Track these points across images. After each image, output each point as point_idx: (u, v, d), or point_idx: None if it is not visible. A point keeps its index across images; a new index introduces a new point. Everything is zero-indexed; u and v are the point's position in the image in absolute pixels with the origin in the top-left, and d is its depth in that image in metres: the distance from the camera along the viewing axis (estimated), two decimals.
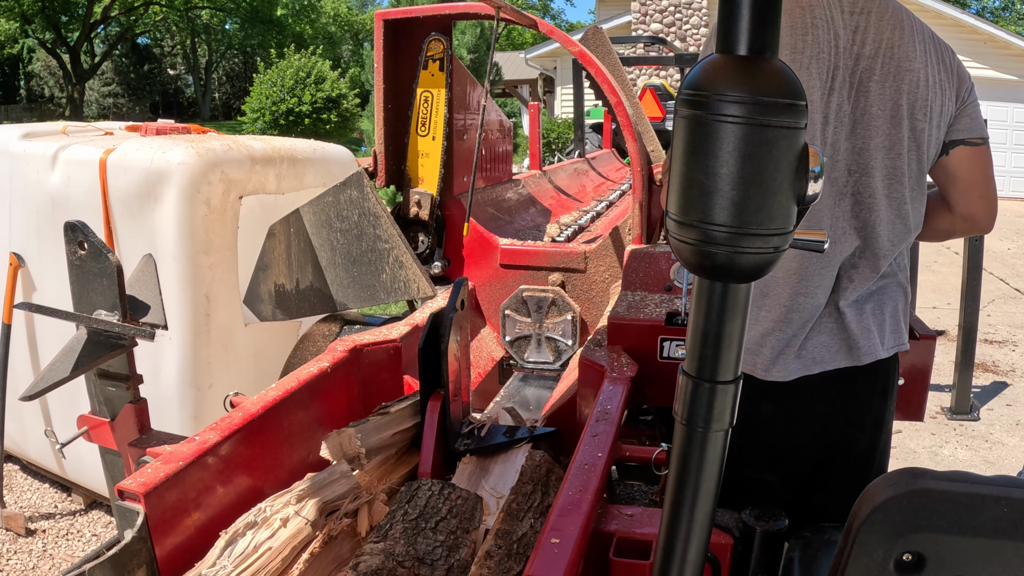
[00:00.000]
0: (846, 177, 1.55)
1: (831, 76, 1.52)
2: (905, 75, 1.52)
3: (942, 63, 1.57)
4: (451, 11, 3.32)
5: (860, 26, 1.53)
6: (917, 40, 1.54)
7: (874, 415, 1.68)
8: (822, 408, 1.64)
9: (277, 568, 1.34)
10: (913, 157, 1.56)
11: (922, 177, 1.60)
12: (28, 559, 3.08)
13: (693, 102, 0.72)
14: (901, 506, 0.77)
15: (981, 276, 4.62)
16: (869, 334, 1.61)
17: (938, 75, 1.55)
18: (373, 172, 3.49)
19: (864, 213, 1.56)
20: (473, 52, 17.44)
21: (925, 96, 1.53)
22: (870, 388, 1.66)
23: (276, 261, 2.57)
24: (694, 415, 0.83)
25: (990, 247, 8.79)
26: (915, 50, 1.53)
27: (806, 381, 1.61)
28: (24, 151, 3.07)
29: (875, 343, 1.62)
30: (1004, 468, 3.96)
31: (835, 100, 1.52)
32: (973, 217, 1.65)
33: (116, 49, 33.03)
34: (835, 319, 1.61)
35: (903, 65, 1.52)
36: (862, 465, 1.69)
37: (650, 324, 2.11)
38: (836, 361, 1.61)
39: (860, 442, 1.68)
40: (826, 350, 1.60)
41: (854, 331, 1.60)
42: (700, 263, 0.76)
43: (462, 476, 1.76)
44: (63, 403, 3.05)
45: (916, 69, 1.52)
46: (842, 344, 1.61)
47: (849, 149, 1.54)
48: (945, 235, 1.73)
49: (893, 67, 1.52)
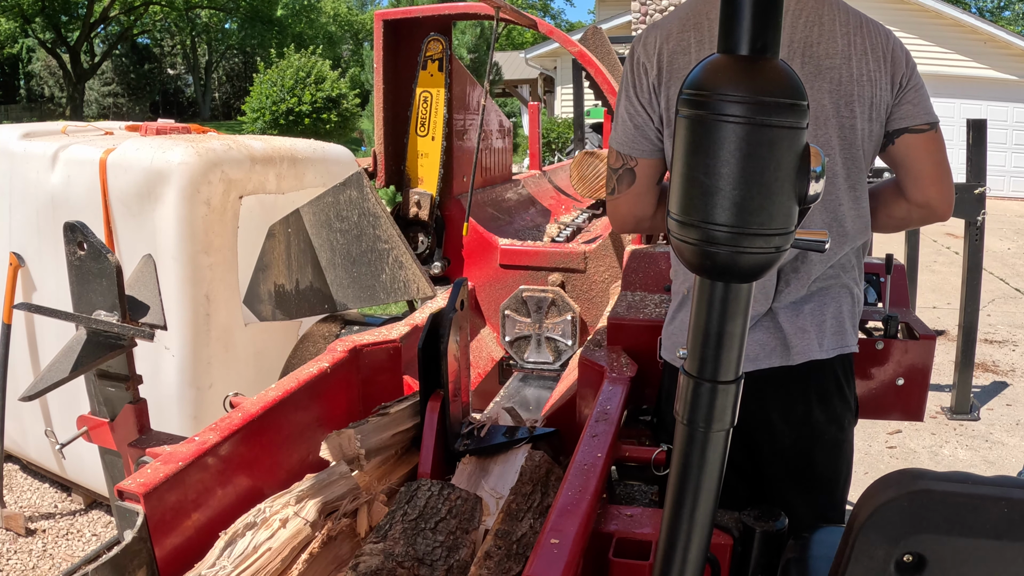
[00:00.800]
0: None
1: None
2: (825, 73, 1.47)
3: (872, 51, 1.50)
4: (451, 11, 3.32)
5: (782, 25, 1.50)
6: (840, 33, 1.48)
7: (806, 416, 1.64)
8: (754, 406, 1.60)
9: (277, 568, 1.34)
10: (846, 156, 1.53)
11: (860, 176, 1.57)
12: (28, 559, 3.08)
13: (694, 102, 0.72)
14: (901, 507, 0.77)
15: (981, 276, 4.62)
16: (804, 334, 1.58)
17: (866, 65, 1.49)
18: (373, 172, 3.49)
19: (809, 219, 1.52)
20: (473, 52, 17.44)
21: (850, 91, 1.48)
22: (802, 387, 1.63)
23: (276, 261, 2.57)
24: (695, 415, 0.83)
25: (990, 247, 8.80)
26: (836, 44, 1.48)
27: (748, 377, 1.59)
28: (24, 151, 3.07)
29: (811, 343, 1.58)
30: (1004, 468, 3.96)
31: None
32: (928, 204, 1.59)
33: (116, 49, 33.03)
34: (771, 318, 1.58)
35: (823, 63, 1.47)
36: (796, 466, 1.67)
37: (650, 324, 2.11)
38: (770, 360, 1.58)
39: (791, 443, 1.66)
40: (760, 348, 1.58)
41: (787, 331, 1.57)
42: (701, 263, 0.76)
43: (462, 476, 1.76)
44: (63, 403, 3.05)
45: (838, 65, 1.47)
46: (777, 343, 1.58)
47: None
48: (902, 223, 1.68)
49: (812, 66, 1.48)
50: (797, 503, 1.63)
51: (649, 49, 1.57)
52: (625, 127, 1.61)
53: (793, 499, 1.65)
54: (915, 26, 14.24)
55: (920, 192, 1.58)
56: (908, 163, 1.57)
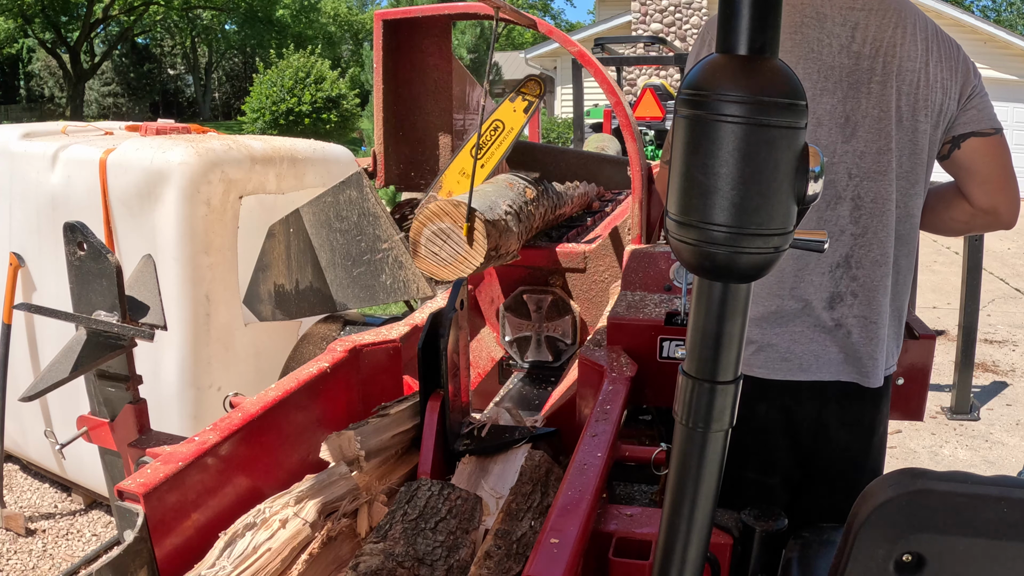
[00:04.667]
0: (846, 181, 1.50)
1: (823, 76, 1.47)
2: (906, 75, 1.47)
3: (945, 61, 1.51)
4: (451, 11, 3.32)
5: (860, 24, 1.47)
6: (919, 38, 1.49)
7: (870, 421, 1.66)
8: (814, 414, 1.61)
9: (276, 569, 1.34)
10: (916, 161, 1.53)
11: (923, 181, 1.56)
12: (28, 559, 3.08)
13: (693, 102, 0.72)
14: (901, 506, 0.77)
15: (981, 276, 4.61)
16: (874, 362, 1.56)
17: (940, 73, 1.50)
18: (373, 172, 3.49)
19: (865, 219, 1.52)
20: (473, 52, 17.44)
21: (926, 96, 1.49)
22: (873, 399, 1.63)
23: (276, 261, 2.57)
24: (694, 415, 0.83)
25: (990, 247, 8.79)
26: (916, 49, 1.48)
27: (803, 385, 1.58)
28: (24, 151, 3.07)
29: (880, 369, 1.58)
30: (1004, 468, 3.96)
31: (827, 101, 1.47)
32: (995, 211, 1.57)
33: (116, 49, 33.02)
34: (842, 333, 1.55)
35: (904, 65, 1.47)
36: (856, 469, 1.67)
37: (650, 324, 2.11)
38: (838, 374, 1.57)
39: (845, 444, 1.65)
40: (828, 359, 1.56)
41: (863, 353, 1.55)
42: (700, 263, 0.76)
43: (462, 476, 1.76)
44: (63, 403, 3.05)
45: (916, 69, 1.48)
46: (846, 358, 1.56)
47: (849, 152, 1.49)
48: (964, 228, 1.67)
49: (895, 67, 1.47)
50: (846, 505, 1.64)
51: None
52: None
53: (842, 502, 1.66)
54: None
55: (987, 197, 1.56)
56: (975, 167, 1.55)
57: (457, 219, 2.25)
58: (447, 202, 2.32)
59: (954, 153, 1.56)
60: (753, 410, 1.60)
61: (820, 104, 1.48)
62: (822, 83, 1.47)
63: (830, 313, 1.55)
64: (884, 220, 1.52)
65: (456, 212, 2.27)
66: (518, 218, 2.64)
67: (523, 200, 2.82)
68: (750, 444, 1.62)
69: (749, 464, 1.64)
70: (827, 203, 1.51)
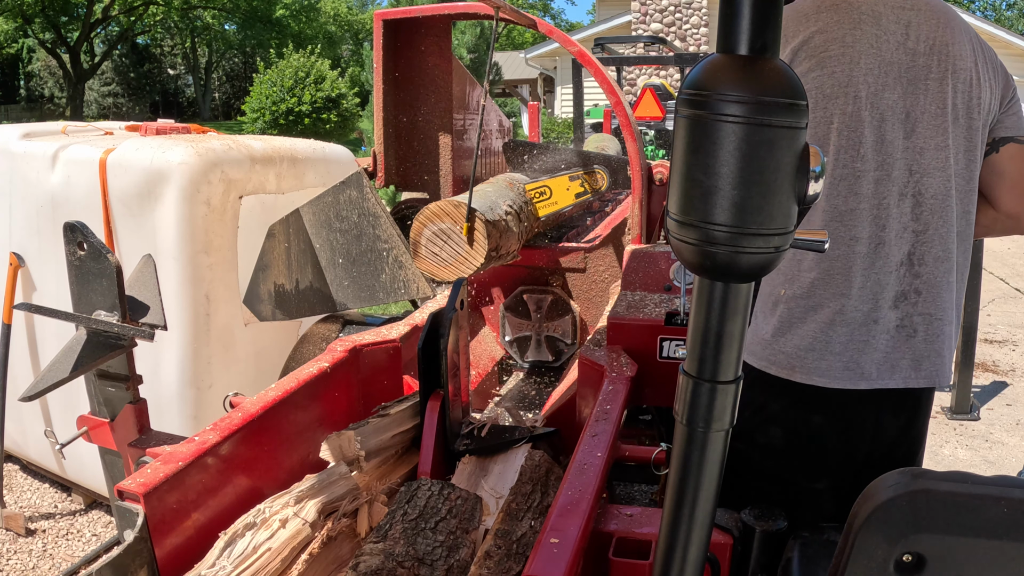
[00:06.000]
0: (907, 177, 1.49)
1: (883, 72, 1.47)
2: (960, 73, 1.49)
3: (989, 62, 1.54)
4: (451, 11, 3.32)
5: (912, 22, 1.48)
6: (965, 39, 1.51)
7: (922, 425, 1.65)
8: (872, 420, 1.58)
9: (276, 569, 1.34)
10: (971, 158, 1.53)
11: (977, 179, 1.57)
12: (28, 559, 3.08)
13: (694, 102, 0.72)
14: (901, 506, 0.77)
15: (981, 276, 4.62)
16: (939, 358, 1.54)
17: (987, 73, 1.53)
18: (373, 172, 3.49)
19: (926, 215, 1.50)
20: (473, 52, 17.45)
21: (979, 95, 1.50)
22: (928, 406, 1.63)
23: (276, 261, 2.57)
24: (694, 415, 0.83)
25: (990, 247, 8.80)
26: (966, 48, 1.50)
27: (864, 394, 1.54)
28: (24, 151, 3.07)
29: (945, 367, 1.56)
30: (1004, 468, 3.96)
31: (889, 97, 1.47)
32: (1019, 216, 1.59)
33: (116, 49, 33.03)
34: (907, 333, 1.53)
35: (958, 64, 1.49)
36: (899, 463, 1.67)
37: (650, 324, 2.11)
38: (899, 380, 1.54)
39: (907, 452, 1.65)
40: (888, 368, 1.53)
41: (924, 348, 1.53)
42: (701, 263, 0.76)
43: (462, 476, 1.76)
44: (63, 403, 3.05)
45: (968, 68, 1.50)
46: (909, 363, 1.53)
47: (910, 148, 1.49)
48: (983, 232, 1.68)
49: (948, 65, 1.48)
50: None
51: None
52: None
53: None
54: None
55: (1013, 202, 1.58)
56: (1007, 172, 1.57)
57: (457, 219, 2.25)
58: (447, 202, 2.32)
59: (991, 156, 1.57)
60: (809, 418, 1.58)
61: (882, 99, 1.48)
62: (883, 78, 1.47)
63: (895, 312, 1.52)
64: (945, 216, 1.52)
65: (456, 212, 2.27)
66: (518, 218, 2.64)
67: (523, 200, 2.82)
68: (803, 449, 1.60)
69: (799, 469, 1.62)
70: (891, 199, 1.50)
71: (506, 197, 2.65)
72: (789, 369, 1.54)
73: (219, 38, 36.99)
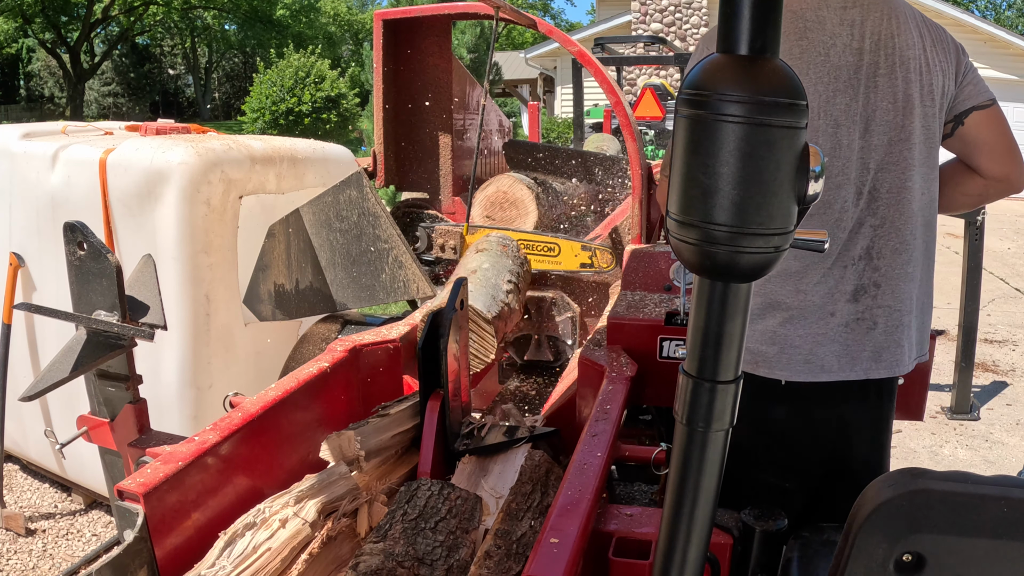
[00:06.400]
0: (864, 176, 1.51)
1: (834, 77, 1.48)
2: (909, 63, 1.49)
3: (939, 43, 1.54)
4: (451, 11, 3.32)
5: (856, 21, 1.49)
6: (912, 25, 1.51)
7: (886, 418, 1.66)
8: (836, 413, 1.60)
9: (276, 569, 1.34)
10: (931, 146, 1.54)
11: (936, 166, 1.58)
12: (28, 559, 3.08)
13: (694, 102, 0.72)
14: (901, 506, 0.77)
15: (981, 276, 4.62)
16: (899, 348, 1.56)
17: (936, 56, 1.53)
18: (373, 172, 3.49)
19: (883, 210, 1.52)
20: (473, 52, 17.45)
21: (930, 82, 1.51)
22: (890, 396, 1.64)
23: (276, 261, 2.57)
24: (694, 415, 0.83)
25: (990, 247, 8.79)
26: (912, 35, 1.50)
27: (825, 387, 1.56)
28: (24, 151, 3.07)
29: (904, 356, 1.57)
30: (1004, 468, 3.96)
31: (841, 101, 1.49)
32: (1007, 178, 1.60)
33: (116, 49, 33.03)
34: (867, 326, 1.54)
35: (906, 53, 1.49)
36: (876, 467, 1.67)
37: (650, 324, 2.11)
38: (860, 371, 1.55)
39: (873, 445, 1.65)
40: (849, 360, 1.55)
41: (884, 339, 1.55)
42: (701, 263, 0.76)
43: (461, 476, 1.76)
44: (63, 403, 3.05)
45: (917, 56, 1.50)
46: (869, 354, 1.55)
47: (865, 147, 1.50)
48: (978, 200, 1.69)
49: (896, 57, 1.49)
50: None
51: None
52: None
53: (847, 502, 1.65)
54: None
55: (997, 166, 1.59)
56: (980, 139, 1.58)
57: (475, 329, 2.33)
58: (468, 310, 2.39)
59: (958, 130, 1.58)
60: (772, 413, 1.59)
61: (835, 105, 1.49)
62: (834, 84, 1.49)
63: (855, 306, 1.54)
64: (901, 208, 1.53)
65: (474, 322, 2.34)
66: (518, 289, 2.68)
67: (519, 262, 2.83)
68: (769, 446, 1.61)
69: (766, 467, 1.63)
70: (849, 200, 1.52)
71: (504, 270, 2.67)
72: (752, 364, 1.57)
73: (219, 38, 36.98)
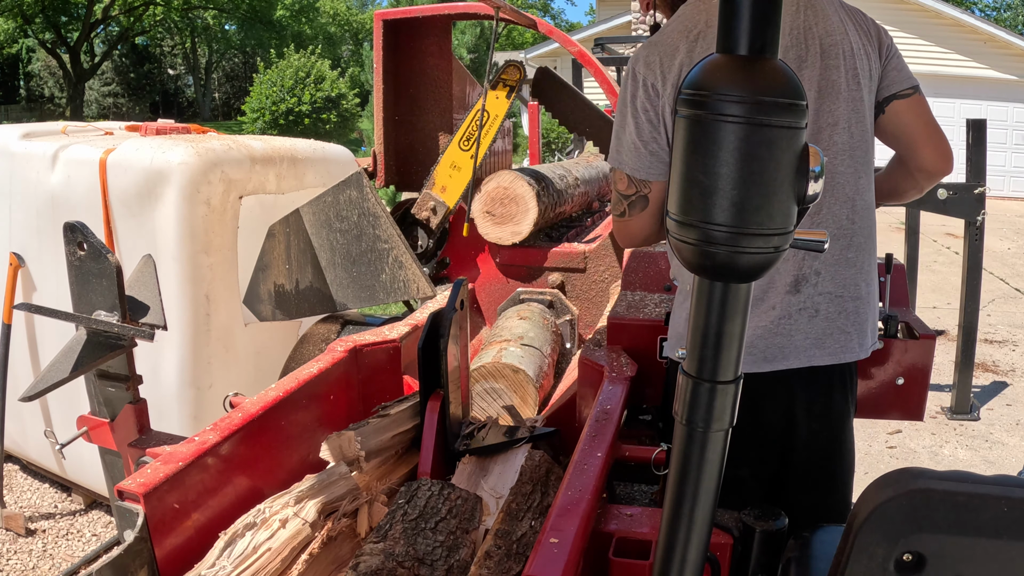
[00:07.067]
0: None
1: None
2: (830, 50, 1.49)
3: (860, 27, 1.53)
4: (451, 11, 3.33)
5: None
6: (831, 11, 1.51)
7: (840, 410, 1.66)
8: (783, 402, 1.60)
9: (276, 569, 1.34)
10: (863, 129, 1.53)
11: (873, 149, 1.57)
12: (28, 559, 3.08)
13: (693, 102, 0.72)
14: (901, 506, 0.77)
15: (981, 276, 4.61)
16: (844, 334, 1.56)
17: (859, 39, 1.52)
18: (373, 172, 3.50)
19: (823, 199, 1.52)
20: (473, 52, 17.44)
21: (854, 66, 1.50)
22: (841, 384, 1.63)
23: (276, 261, 2.57)
24: (694, 415, 0.83)
25: (990, 247, 8.80)
26: (831, 22, 1.50)
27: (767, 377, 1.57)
28: (24, 151, 3.07)
29: (851, 342, 1.57)
30: (1004, 468, 3.96)
31: None
32: (929, 168, 1.60)
33: (116, 49, 33.02)
34: (809, 314, 1.55)
35: (825, 41, 1.49)
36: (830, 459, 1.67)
37: (650, 324, 2.11)
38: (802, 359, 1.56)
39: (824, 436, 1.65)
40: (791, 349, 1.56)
41: (827, 325, 1.55)
42: (700, 263, 0.76)
43: (462, 476, 1.76)
44: (63, 403, 3.05)
45: (839, 42, 1.49)
46: (812, 342, 1.56)
47: None
48: (913, 193, 1.69)
49: (815, 47, 1.48)
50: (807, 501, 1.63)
51: (655, 69, 1.50)
52: (638, 153, 1.53)
53: (803, 498, 1.65)
54: (915, 26, 14.23)
55: (919, 157, 1.59)
56: (900, 129, 1.58)
57: (512, 383, 2.36)
58: (505, 365, 2.42)
59: (879, 119, 1.58)
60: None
61: None
62: None
63: (796, 297, 1.55)
64: (836, 194, 1.53)
65: (514, 377, 2.39)
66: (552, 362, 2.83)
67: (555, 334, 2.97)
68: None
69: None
70: None
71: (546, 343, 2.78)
72: None
73: (219, 38, 36.97)
